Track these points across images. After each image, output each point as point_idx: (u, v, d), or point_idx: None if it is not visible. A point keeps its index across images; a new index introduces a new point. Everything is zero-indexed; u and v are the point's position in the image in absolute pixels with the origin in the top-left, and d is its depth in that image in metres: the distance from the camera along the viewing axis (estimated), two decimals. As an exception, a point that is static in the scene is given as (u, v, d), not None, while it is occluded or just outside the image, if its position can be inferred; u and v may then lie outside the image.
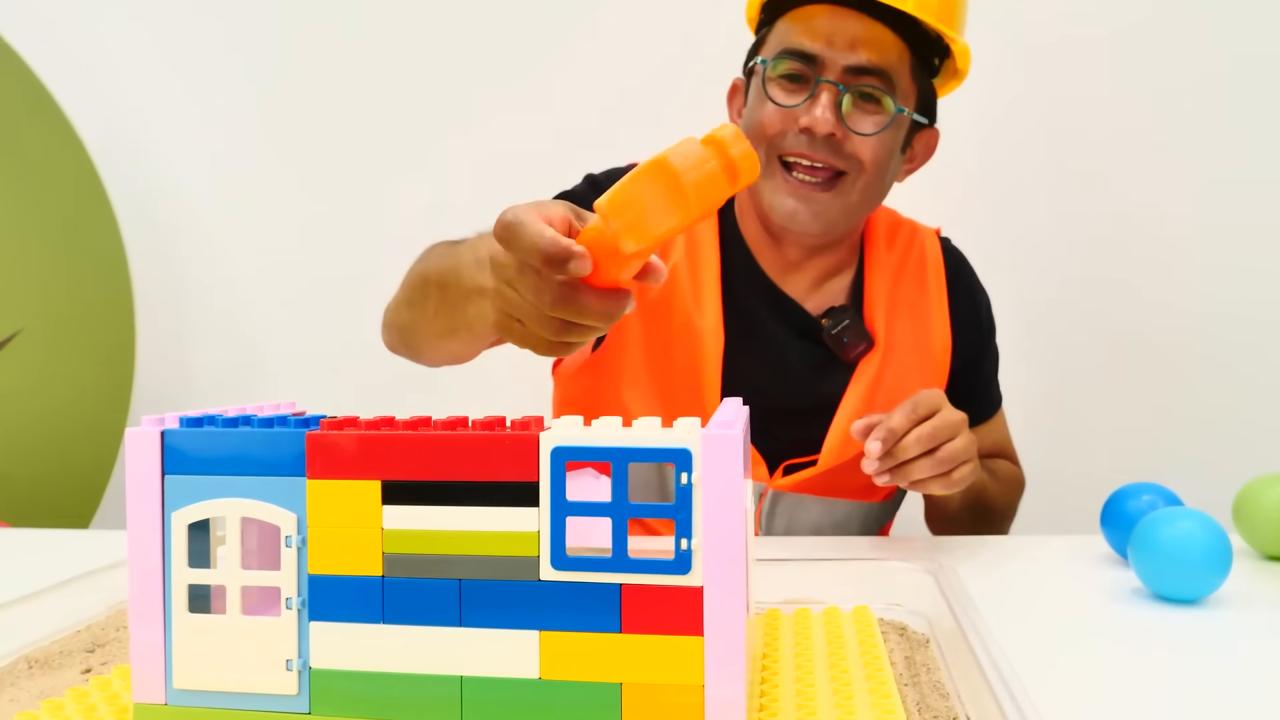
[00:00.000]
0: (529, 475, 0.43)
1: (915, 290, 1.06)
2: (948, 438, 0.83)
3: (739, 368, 1.01)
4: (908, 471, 0.83)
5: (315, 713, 0.45)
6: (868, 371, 1.02)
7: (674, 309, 1.00)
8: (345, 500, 0.45)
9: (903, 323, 1.04)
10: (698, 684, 0.42)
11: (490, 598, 0.44)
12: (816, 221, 0.96)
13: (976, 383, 1.10)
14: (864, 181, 0.96)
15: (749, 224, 1.04)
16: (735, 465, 0.42)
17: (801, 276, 1.04)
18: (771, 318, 1.03)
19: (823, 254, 1.04)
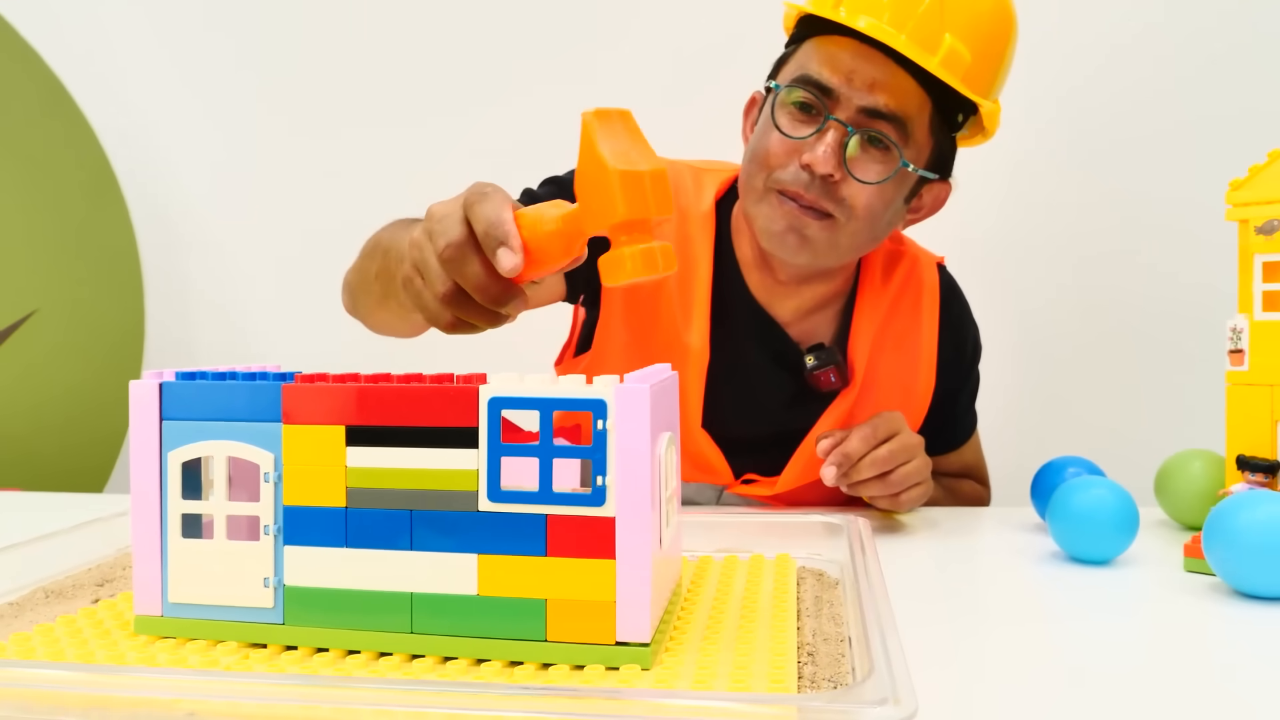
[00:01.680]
0: (470, 421, 0.51)
1: (906, 326, 1.05)
2: (903, 461, 0.89)
3: (718, 389, 1.02)
4: (859, 489, 0.90)
5: (288, 623, 0.53)
6: (841, 406, 1.03)
7: (660, 320, 1.01)
8: (315, 442, 0.52)
9: (887, 360, 1.04)
10: (610, 600, 0.50)
11: (436, 526, 0.51)
12: (804, 250, 0.94)
13: (952, 412, 1.11)
14: (853, 229, 0.93)
15: (742, 243, 1.03)
16: (643, 415, 0.49)
17: (790, 302, 1.03)
18: (754, 343, 1.03)
19: (813, 282, 1.02)
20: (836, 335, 1.06)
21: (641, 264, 0.53)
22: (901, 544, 0.89)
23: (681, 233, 1.02)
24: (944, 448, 1.11)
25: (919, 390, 1.05)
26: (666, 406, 0.56)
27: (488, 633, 0.51)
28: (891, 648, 0.44)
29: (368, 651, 0.52)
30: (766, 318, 1.04)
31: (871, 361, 1.04)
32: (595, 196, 0.53)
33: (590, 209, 0.54)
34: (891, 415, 0.92)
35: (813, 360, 1.01)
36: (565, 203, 0.56)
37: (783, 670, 0.48)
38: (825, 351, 1.02)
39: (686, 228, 1.02)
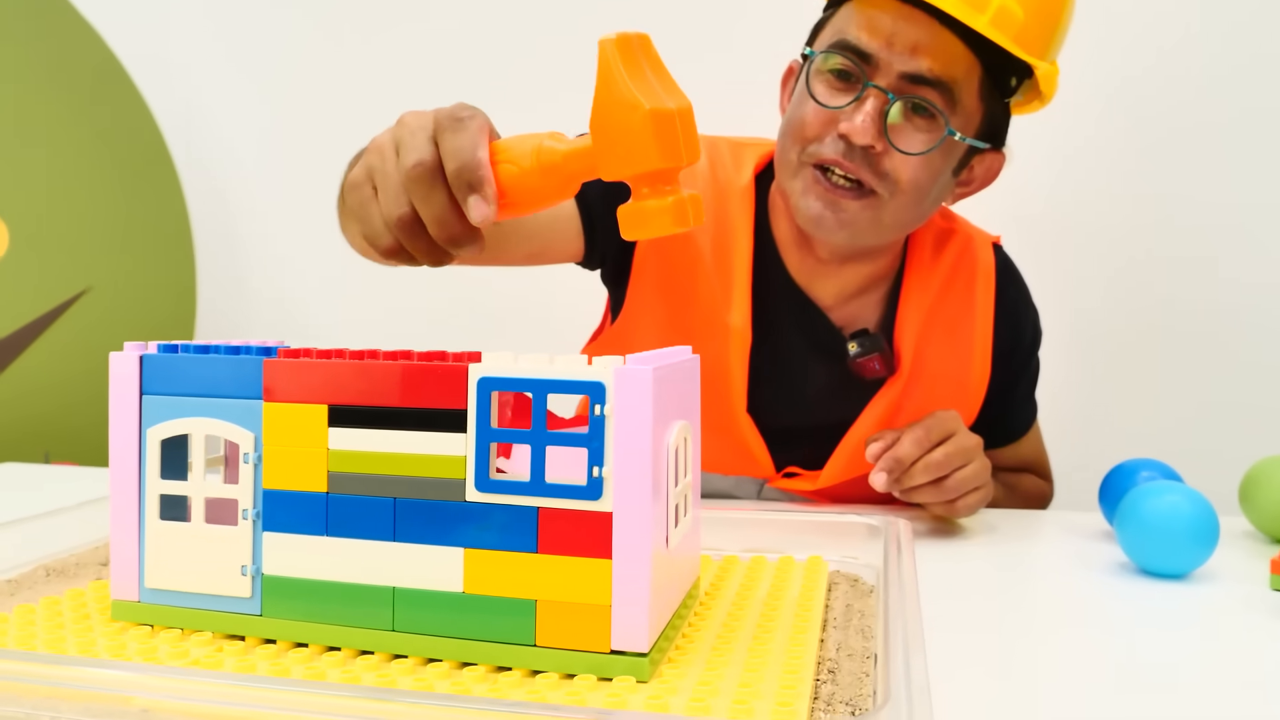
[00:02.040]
0: (458, 403, 0.47)
1: (958, 311, 0.98)
2: (958, 465, 0.82)
3: (759, 374, 0.96)
4: (912, 495, 0.84)
5: (266, 614, 0.49)
6: (888, 397, 0.97)
7: (699, 298, 0.96)
8: (296, 422, 0.49)
9: (937, 346, 0.97)
10: (605, 604, 0.45)
11: (421, 516, 0.47)
12: (842, 231, 0.87)
13: (1010, 403, 1.03)
14: (897, 204, 0.86)
15: (780, 222, 0.97)
16: (645, 400, 0.44)
17: (831, 284, 0.96)
18: (794, 328, 0.97)
19: (855, 263, 0.95)
20: (882, 320, 0.99)
21: (671, 217, 0.48)
22: (953, 549, 0.82)
23: (720, 209, 0.96)
24: (1001, 440, 1.04)
25: (972, 380, 0.98)
26: (681, 393, 0.51)
27: (473, 634, 0.46)
28: (915, 671, 0.38)
29: (348, 649, 0.48)
30: (806, 301, 0.98)
31: (920, 348, 0.97)
32: (619, 138, 0.47)
33: (612, 152, 0.48)
34: (946, 415, 0.85)
35: (855, 348, 0.95)
36: (562, 135, 0.51)
37: (794, 690, 0.43)
38: (869, 338, 0.95)
39: (726, 204, 0.96)
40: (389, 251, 0.54)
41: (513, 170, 0.50)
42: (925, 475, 0.82)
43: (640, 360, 0.45)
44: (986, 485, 0.86)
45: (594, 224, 0.95)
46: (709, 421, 1.00)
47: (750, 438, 0.98)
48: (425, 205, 0.51)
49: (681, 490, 0.51)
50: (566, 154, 0.49)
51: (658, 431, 0.46)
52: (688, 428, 0.53)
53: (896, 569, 0.52)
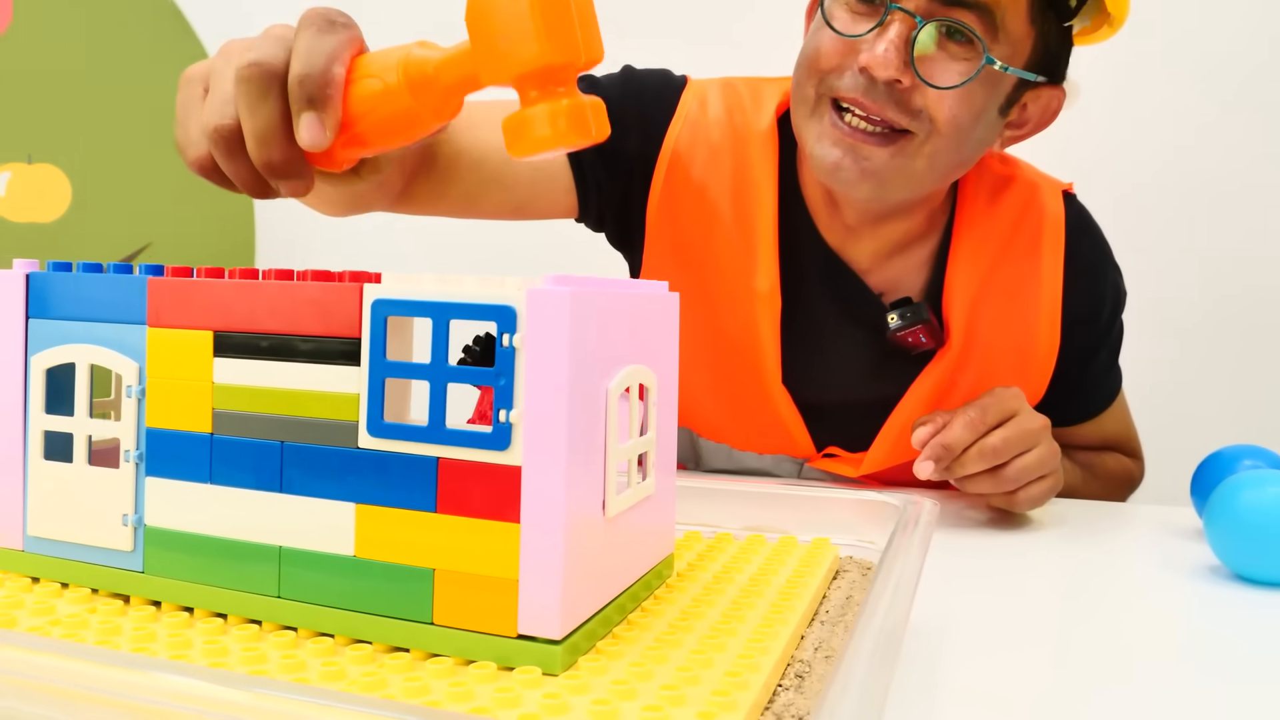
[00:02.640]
0: (351, 331, 0.39)
1: (1021, 272, 0.84)
2: (1019, 450, 0.71)
3: (791, 344, 0.86)
4: (966, 485, 0.73)
5: (148, 571, 0.43)
6: (937, 371, 0.85)
7: (719, 259, 0.85)
8: (181, 350, 0.42)
9: (994, 314, 0.84)
10: (511, 578, 0.37)
11: (309, 464, 0.40)
12: (865, 182, 0.75)
13: (1089, 376, 0.90)
14: (934, 148, 0.74)
15: (808, 178, 0.85)
16: (561, 329, 0.36)
17: (866, 245, 0.85)
18: (827, 295, 0.86)
19: (891, 220, 0.83)
20: (929, 283, 0.87)
21: (567, 124, 0.39)
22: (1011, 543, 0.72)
23: (739, 157, 0.86)
24: (1080, 417, 0.91)
25: (1039, 351, 0.85)
26: (638, 330, 0.43)
27: (366, 606, 0.39)
28: (867, 689, 0.29)
29: (235, 617, 0.41)
30: (839, 264, 0.86)
31: (974, 317, 0.84)
32: (499, 30, 0.39)
33: (491, 48, 0.39)
34: (1006, 392, 0.74)
35: (896, 320, 0.83)
36: (433, 43, 0.42)
37: (728, 699, 0.34)
38: (912, 309, 0.82)
39: (745, 151, 0.86)
40: (199, 165, 0.47)
41: (374, 86, 0.42)
42: (980, 463, 0.71)
43: (563, 281, 0.36)
44: (1053, 474, 0.75)
45: (586, 177, 0.85)
46: (741, 395, 0.90)
47: (786, 413, 0.88)
48: (250, 115, 0.43)
49: (634, 448, 0.42)
50: (439, 62, 0.41)
51: (583, 369, 0.37)
52: (650, 376, 0.44)
53: (895, 559, 0.42)
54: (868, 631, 0.34)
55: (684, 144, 0.86)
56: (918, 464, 0.70)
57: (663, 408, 0.47)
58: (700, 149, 0.86)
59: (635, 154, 0.86)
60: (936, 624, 0.55)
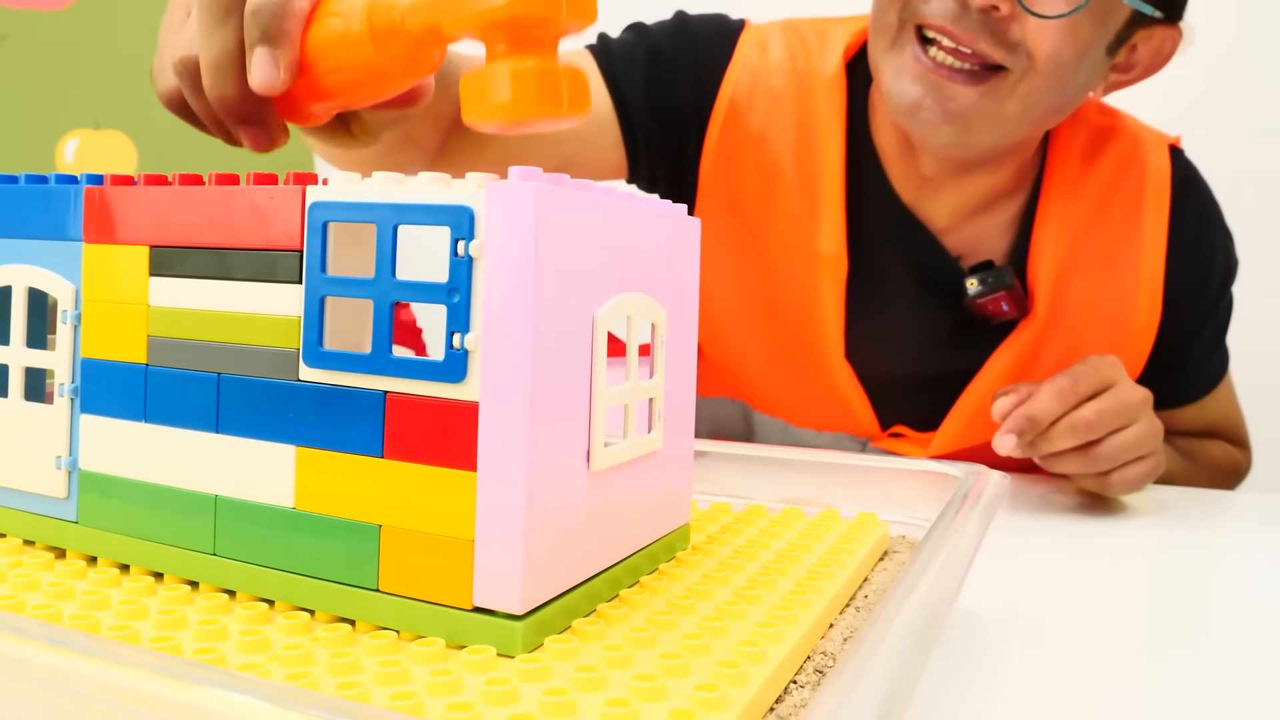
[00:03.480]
0: (292, 242, 0.33)
1: (1119, 235, 0.75)
2: (1115, 426, 0.63)
3: (856, 312, 0.78)
4: (1053, 464, 0.65)
5: (83, 522, 0.37)
6: (1020, 343, 0.76)
7: (777, 218, 0.78)
8: (117, 269, 0.37)
9: (1087, 281, 0.75)
10: (467, 538, 0.31)
11: (247, 399, 0.34)
12: (948, 125, 0.67)
13: (1192, 353, 0.80)
14: (1030, 88, 0.66)
15: (881, 126, 0.77)
16: (526, 234, 0.29)
17: (944, 202, 0.76)
18: (899, 257, 0.78)
19: (975, 173, 0.75)
20: (1013, 246, 0.77)
21: (534, 91, 0.33)
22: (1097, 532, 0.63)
23: (803, 105, 0.77)
24: (1181, 399, 0.81)
25: (1137, 324, 0.76)
26: (637, 251, 0.36)
27: (307, 568, 0.33)
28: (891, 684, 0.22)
29: (173, 577, 0.36)
30: (914, 222, 0.77)
31: (1062, 283, 0.75)
32: None
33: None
34: (1101, 361, 0.65)
35: (976, 285, 0.74)
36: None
37: (723, 692, 0.27)
38: (994, 273, 0.74)
39: (809, 99, 0.77)
40: (167, 99, 0.42)
41: (337, 28, 0.36)
42: (1070, 438, 0.62)
43: (523, 175, 0.30)
44: (1154, 454, 0.65)
45: (634, 130, 0.78)
46: (800, 367, 0.83)
47: (848, 388, 0.80)
48: (205, 44, 0.37)
49: (633, 393, 0.36)
50: (407, 9, 0.35)
51: (556, 286, 0.30)
52: (658, 310, 0.37)
53: (946, 534, 0.35)
54: (896, 617, 0.26)
55: (742, 92, 0.78)
56: (998, 438, 0.61)
57: (676, 350, 0.40)
58: (760, 97, 0.78)
59: (688, 104, 0.79)
60: (1002, 616, 0.47)
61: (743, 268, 0.80)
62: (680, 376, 0.40)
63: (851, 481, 0.51)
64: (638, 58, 0.78)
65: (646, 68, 0.77)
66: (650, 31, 0.80)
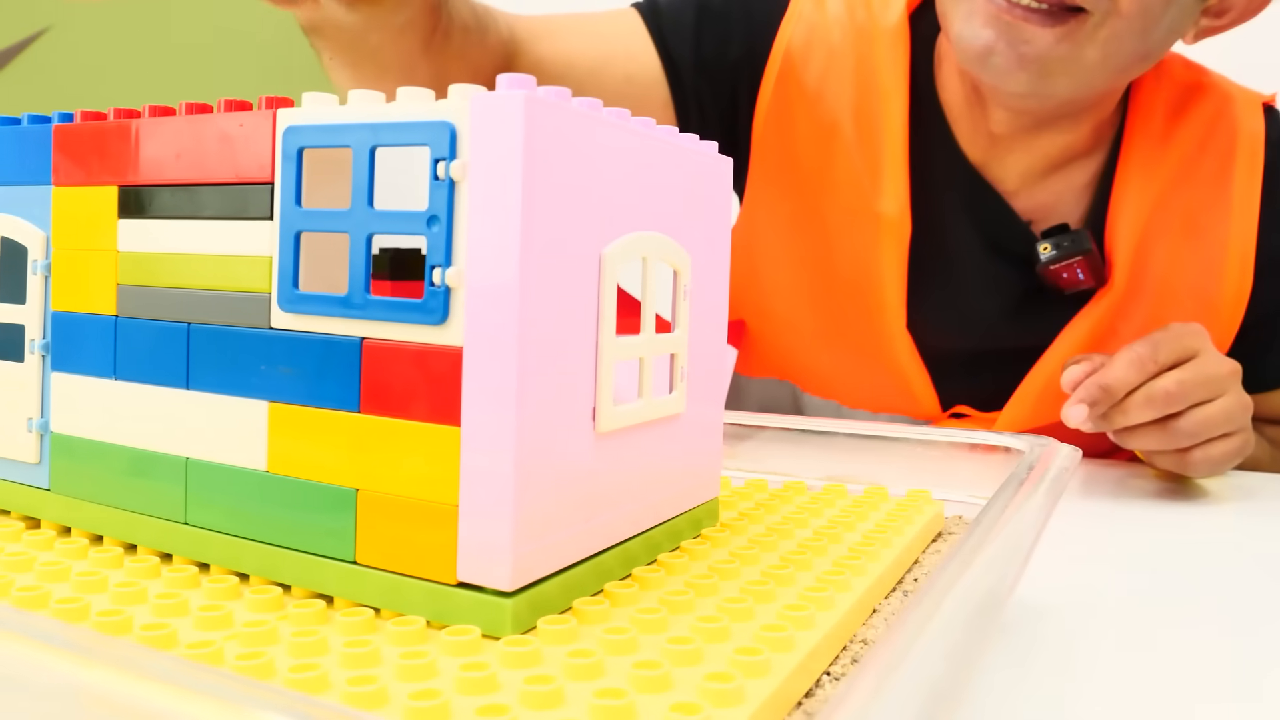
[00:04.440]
0: (264, 174, 0.29)
1: (1206, 200, 0.70)
2: (1199, 399, 0.57)
3: (917, 280, 0.73)
4: (1129, 439, 0.59)
5: (55, 490, 0.35)
6: (1095, 316, 0.70)
7: (835, 178, 0.73)
8: (86, 213, 0.34)
9: (1170, 250, 0.70)
10: (450, 502, 0.27)
11: (217, 351, 0.31)
12: (1022, 71, 0.62)
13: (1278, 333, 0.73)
14: (1112, 32, 0.60)
15: (948, 80, 0.73)
16: (514, 150, 0.25)
17: (1015, 161, 0.71)
18: (966, 221, 0.73)
19: (1050, 130, 0.70)
20: (1090, 211, 0.72)
21: None
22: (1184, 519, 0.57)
23: (862, 59, 0.72)
24: (1270, 382, 0.74)
25: (1225, 297, 0.69)
26: (654, 186, 0.32)
27: (281, 537, 0.30)
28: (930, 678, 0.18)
29: (147, 549, 0.33)
30: (982, 183, 0.72)
31: (1143, 251, 0.69)
32: None
33: None
34: (1184, 329, 0.59)
35: (1050, 250, 0.69)
36: None
37: (738, 683, 0.23)
38: (1070, 236, 0.68)
39: (869, 52, 0.72)
40: None
41: None
42: (1147, 410, 0.56)
43: (512, 83, 0.26)
44: (1241, 432, 0.59)
45: (684, 89, 0.74)
46: (856, 341, 0.78)
47: (909, 364, 0.75)
48: None
49: (648, 346, 0.32)
50: None
51: (552, 214, 0.26)
52: (680, 255, 0.33)
53: (1005, 509, 0.30)
54: (944, 600, 0.22)
55: (797, 46, 0.74)
56: (1067, 408, 0.56)
57: (703, 303, 0.35)
58: (817, 51, 0.74)
59: (740, 60, 0.75)
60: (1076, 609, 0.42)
61: (798, 233, 0.76)
62: (707, 334, 0.36)
63: (904, 457, 0.47)
64: (686, 13, 0.74)
65: (696, 23, 0.74)
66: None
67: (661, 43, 0.74)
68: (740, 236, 0.77)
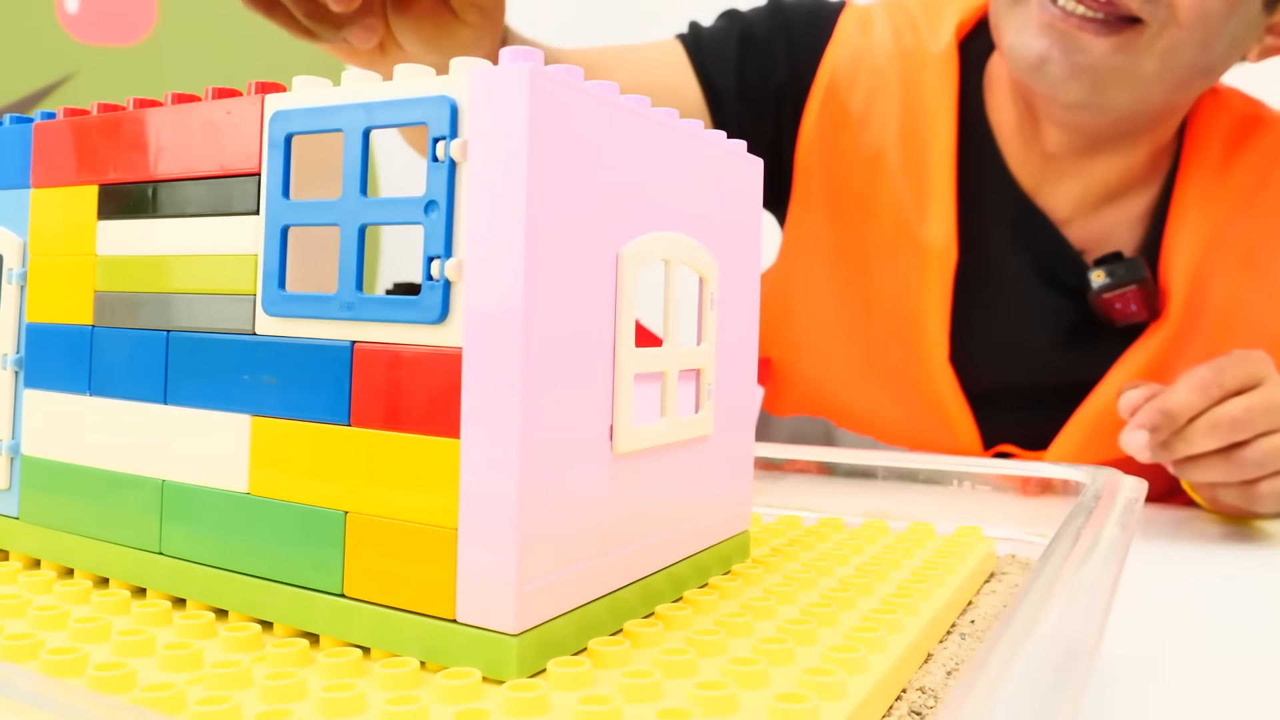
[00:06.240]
0: (250, 164, 0.27)
1: (1266, 232, 0.67)
2: (1266, 429, 0.54)
3: (962, 311, 0.71)
4: (1190, 470, 0.55)
5: (24, 518, 0.32)
6: (1149, 349, 0.68)
7: (880, 206, 0.71)
8: (65, 216, 0.31)
9: (1229, 282, 0.67)
10: (448, 526, 0.24)
11: (197, 360, 0.28)
12: (1076, 80, 0.60)
13: None
14: (1170, 42, 0.58)
15: (999, 103, 0.71)
16: (519, 126, 0.22)
17: (1068, 188, 0.69)
18: (1015, 249, 0.70)
19: (1105, 153, 0.67)
20: (1144, 242, 0.69)
21: None
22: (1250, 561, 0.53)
23: (910, 85, 0.70)
24: None
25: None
26: (680, 184, 0.29)
27: (263, 568, 0.26)
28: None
29: (119, 583, 0.30)
30: (1033, 210, 0.70)
31: (1200, 283, 0.66)
32: None
33: None
34: (1249, 355, 0.56)
35: (1103, 277, 0.65)
36: None
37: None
38: (1124, 265, 0.65)
39: (918, 77, 0.70)
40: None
41: None
42: (1212, 438, 0.53)
43: (524, 56, 0.23)
44: None
45: (726, 117, 0.72)
46: (896, 375, 0.74)
47: (950, 399, 0.71)
48: None
49: (672, 359, 0.28)
50: None
51: (562, 202, 0.24)
52: (707, 260, 0.30)
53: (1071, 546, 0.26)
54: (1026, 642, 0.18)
55: (843, 71, 0.72)
56: (1126, 434, 0.52)
57: (732, 315, 0.32)
58: (862, 75, 0.72)
59: (784, 86, 0.73)
60: (1142, 658, 0.38)
61: (838, 262, 0.73)
62: (737, 350, 0.33)
63: (948, 493, 0.43)
64: (729, 42, 0.73)
65: (739, 50, 0.73)
66: (743, 16, 0.75)
67: (703, 71, 0.73)
68: (784, 265, 0.75)
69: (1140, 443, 0.52)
